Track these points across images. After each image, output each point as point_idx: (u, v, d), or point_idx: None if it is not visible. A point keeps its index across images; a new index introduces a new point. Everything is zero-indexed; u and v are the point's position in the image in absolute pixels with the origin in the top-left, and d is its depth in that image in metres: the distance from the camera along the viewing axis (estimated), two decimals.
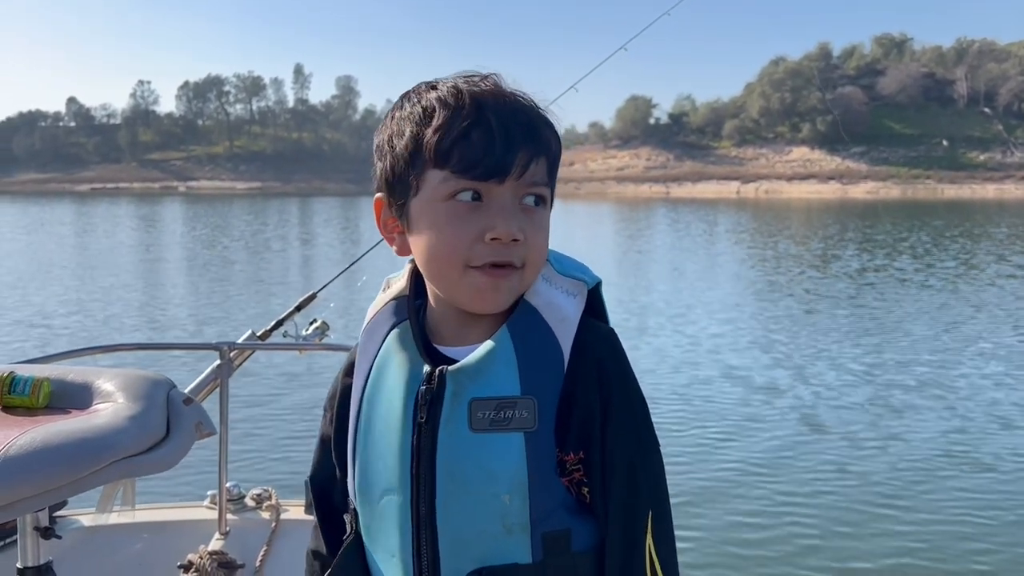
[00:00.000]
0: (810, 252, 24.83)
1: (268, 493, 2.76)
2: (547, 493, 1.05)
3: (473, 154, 1.02)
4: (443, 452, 1.05)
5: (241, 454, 5.82)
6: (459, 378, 1.06)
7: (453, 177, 1.04)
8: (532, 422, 1.03)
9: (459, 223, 1.04)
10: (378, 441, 1.11)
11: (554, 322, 1.08)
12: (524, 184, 1.05)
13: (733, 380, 8.83)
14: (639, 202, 78.22)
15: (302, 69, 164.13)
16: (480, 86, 1.07)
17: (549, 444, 1.05)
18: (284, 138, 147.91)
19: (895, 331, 11.77)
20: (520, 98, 1.08)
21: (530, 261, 1.07)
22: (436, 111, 1.05)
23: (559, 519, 1.06)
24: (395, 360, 1.12)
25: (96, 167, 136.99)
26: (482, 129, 1.03)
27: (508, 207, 1.04)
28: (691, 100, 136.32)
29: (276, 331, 2.82)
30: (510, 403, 1.04)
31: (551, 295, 1.10)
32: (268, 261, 22.25)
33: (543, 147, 1.07)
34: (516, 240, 1.04)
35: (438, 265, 1.09)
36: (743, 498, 5.61)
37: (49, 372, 1.60)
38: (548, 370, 1.06)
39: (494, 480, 1.03)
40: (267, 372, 8.51)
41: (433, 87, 1.08)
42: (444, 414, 1.06)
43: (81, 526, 2.55)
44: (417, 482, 1.06)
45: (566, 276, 1.13)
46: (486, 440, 1.04)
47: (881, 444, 6.74)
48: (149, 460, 1.53)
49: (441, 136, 1.03)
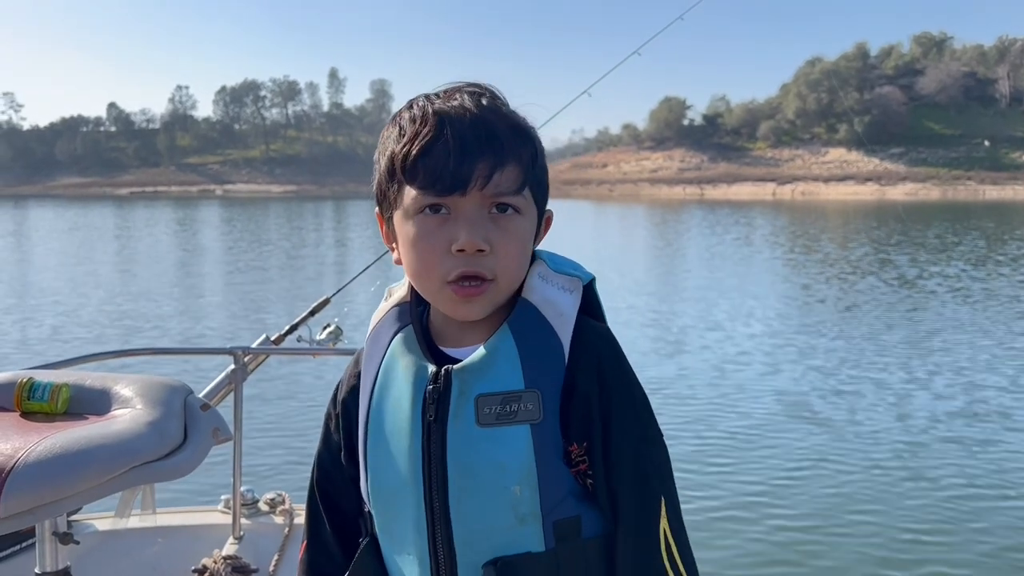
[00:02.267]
0: (866, 258, 23.45)
1: (282, 497, 2.77)
2: (556, 482, 1.08)
3: (433, 169, 1.06)
4: (453, 448, 1.08)
5: (255, 459, 5.83)
6: (464, 376, 1.10)
7: (420, 193, 1.08)
8: (537, 414, 1.07)
9: (428, 237, 1.09)
10: (389, 443, 1.13)
11: (552, 317, 1.12)
12: (489, 194, 1.07)
13: (776, 398, 8.40)
14: (673, 204, 77.54)
15: (337, 73, 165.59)
16: (452, 99, 1.10)
17: (555, 435, 1.08)
18: (319, 142, 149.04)
19: (954, 346, 10.88)
20: (488, 108, 1.09)
21: (501, 271, 1.09)
22: (405, 130, 1.09)
23: (569, 507, 1.09)
24: (401, 363, 1.15)
25: (135, 171, 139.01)
26: (440, 144, 1.06)
27: (472, 218, 1.07)
28: (726, 101, 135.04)
29: (290, 335, 2.83)
30: (515, 397, 1.07)
31: (548, 292, 1.14)
32: (300, 265, 22.42)
33: (508, 155, 1.08)
34: (482, 250, 1.07)
35: (417, 279, 1.14)
36: (778, 515, 5.41)
37: (67, 378, 1.62)
38: (549, 364, 1.10)
39: (504, 472, 1.06)
40: (281, 376, 8.53)
41: (411, 104, 1.12)
42: (452, 411, 1.08)
43: (98, 531, 2.57)
44: (429, 479, 1.09)
45: (561, 273, 1.16)
46: (494, 434, 1.07)
47: (936, 472, 6.23)
48: (167, 466, 1.54)
49: (406, 154, 1.07)
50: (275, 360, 3.05)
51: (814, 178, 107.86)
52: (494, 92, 1.15)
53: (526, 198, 1.12)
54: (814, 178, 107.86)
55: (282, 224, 43.62)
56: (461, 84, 1.14)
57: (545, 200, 1.19)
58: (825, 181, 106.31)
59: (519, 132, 1.11)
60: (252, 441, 5.92)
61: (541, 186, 1.16)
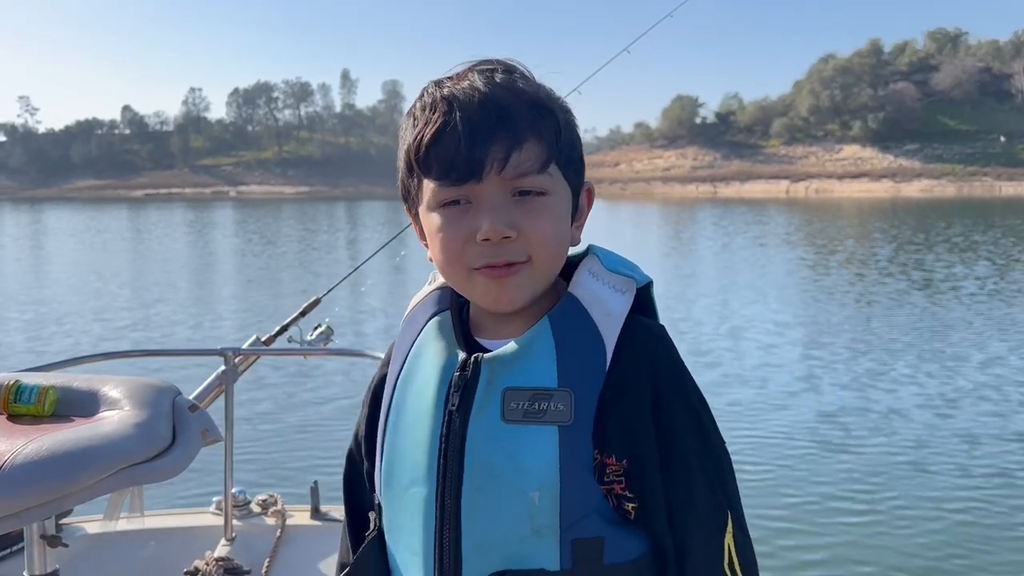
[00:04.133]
0: (897, 259, 22.44)
1: (273, 499, 2.76)
2: (580, 495, 0.99)
3: (445, 158, 1.00)
4: (473, 441, 1.01)
5: (246, 460, 5.81)
6: (494, 366, 1.03)
7: (436, 185, 1.03)
8: (568, 416, 0.99)
9: (450, 229, 1.03)
10: (407, 429, 1.07)
11: (599, 316, 1.04)
12: (509, 176, 1.00)
13: (796, 405, 8.12)
14: (686, 202, 77.30)
15: (349, 75, 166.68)
16: (462, 81, 1.04)
17: (586, 443, 0.99)
18: (332, 143, 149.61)
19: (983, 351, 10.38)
20: (501, 85, 1.03)
21: (536, 252, 1.03)
22: (417, 120, 1.04)
23: (592, 525, 1.00)
24: (431, 348, 1.10)
25: (149, 173, 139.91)
26: (450, 130, 1.00)
27: (495, 204, 1.01)
28: (738, 99, 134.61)
29: (280, 336, 2.81)
30: (545, 394, 1.00)
31: (597, 289, 1.06)
32: (310, 266, 22.44)
33: (524, 132, 1.01)
34: (508, 237, 1.00)
35: (446, 273, 1.09)
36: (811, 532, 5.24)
37: (54, 380, 1.59)
38: (588, 364, 1.02)
39: (524, 475, 0.99)
40: (272, 377, 8.50)
41: (422, 93, 1.07)
42: (477, 402, 1.02)
43: (87, 533, 2.55)
44: (443, 474, 1.02)
45: (614, 272, 1.08)
46: (518, 432, 1.00)
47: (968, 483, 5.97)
48: (156, 467, 1.52)
49: (418, 146, 1.03)
50: (266, 361, 3.04)
51: (828, 175, 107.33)
52: (510, 66, 1.07)
53: (553, 176, 1.04)
54: (828, 175, 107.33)
55: (294, 226, 43.73)
56: (475, 62, 1.07)
57: (579, 175, 1.10)
58: (839, 178, 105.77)
59: (537, 106, 1.03)
60: (244, 442, 5.90)
61: (571, 161, 1.08)
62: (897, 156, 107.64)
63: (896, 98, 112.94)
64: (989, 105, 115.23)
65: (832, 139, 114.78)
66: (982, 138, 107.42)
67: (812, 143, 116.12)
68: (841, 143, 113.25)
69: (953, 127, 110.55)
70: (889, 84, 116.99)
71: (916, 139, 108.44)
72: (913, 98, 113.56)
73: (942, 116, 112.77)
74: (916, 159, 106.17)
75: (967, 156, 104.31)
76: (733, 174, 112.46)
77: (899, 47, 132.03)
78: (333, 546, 2.61)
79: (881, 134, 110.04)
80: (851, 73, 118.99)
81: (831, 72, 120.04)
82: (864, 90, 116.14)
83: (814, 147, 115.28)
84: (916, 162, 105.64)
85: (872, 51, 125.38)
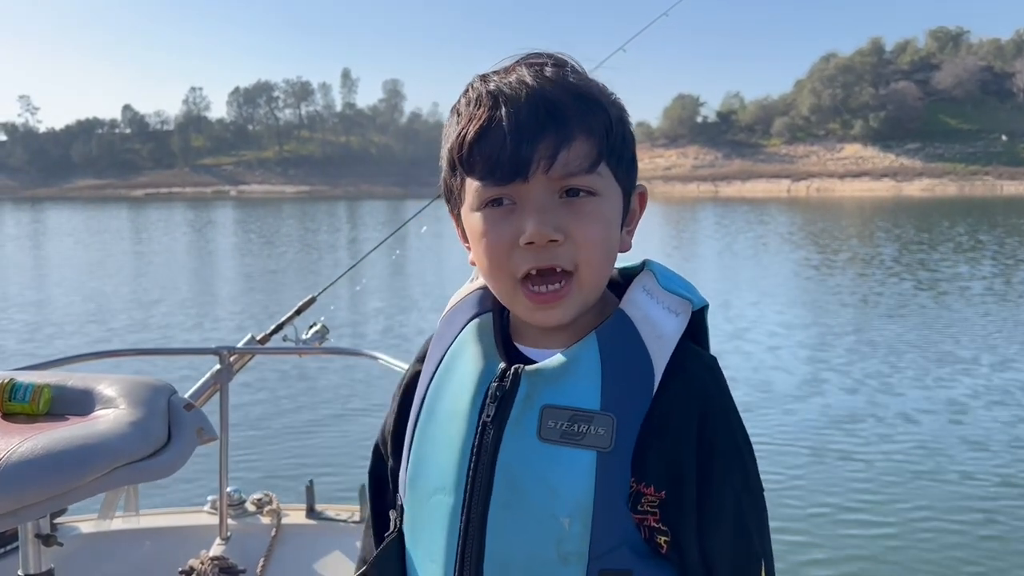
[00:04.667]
0: (903, 258, 22.18)
1: (269, 498, 2.75)
2: (613, 525, 0.94)
3: (490, 156, 0.95)
4: (505, 456, 0.97)
5: (241, 459, 5.78)
6: (535, 380, 0.98)
7: (480, 185, 0.98)
8: (608, 442, 0.93)
9: (494, 232, 0.98)
10: (438, 433, 1.03)
11: (649, 338, 0.98)
12: (556, 176, 0.95)
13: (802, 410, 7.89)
14: (687, 201, 77.20)
15: (349, 74, 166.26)
16: (510, 75, 0.99)
17: (624, 471, 0.94)
18: (332, 142, 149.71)
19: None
20: (550, 79, 0.98)
21: (583, 260, 0.97)
22: (462, 117, 0.99)
23: (622, 557, 0.94)
24: (470, 351, 1.05)
25: (150, 173, 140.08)
26: (495, 127, 0.95)
27: (541, 205, 0.95)
28: (739, 98, 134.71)
29: (276, 335, 2.81)
30: (586, 416, 0.95)
31: (650, 309, 1.01)
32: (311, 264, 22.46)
33: (574, 129, 0.95)
34: (554, 240, 0.95)
35: (490, 279, 1.04)
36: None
37: (49, 379, 1.58)
38: (634, 388, 0.96)
39: (555, 498, 0.94)
40: (267, 376, 8.48)
41: (467, 88, 1.02)
42: (513, 416, 0.97)
43: (82, 532, 2.54)
44: (472, 485, 0.98)
45: (670, 292, 1.02)
46: (554, 453, 0.94)
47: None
48: (151, 466, 1.51)
49: (462, 144, 0.98)
50: (261, 359, 3.03)
51: (829, 174, 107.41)
52: (561, 59, 1.01)
53: (603, 176, 0.98)
54: (829, 174, 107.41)
55: (294, 225, 43.71)
56: (523, 55, 1.02)
57: (632, 176, 1.05)
58: (840, 177, 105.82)
59: (587, 101, 0.98)
60: (239, 441, 5.86)
61: (623, 160, 1.02)
62: (898, 155, 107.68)
63: (897, 97, 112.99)
64: (991, 104, 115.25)
65: (833, 138, 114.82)
66: (983, 137, 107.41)
67: (813, 142, 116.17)
68: (842, 142, 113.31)
69: (954, 126, 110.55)
70: (890, 83, 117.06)
71: (917, 138, 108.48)
72: (914, 97, 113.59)
73: (943, 115, 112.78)
74: (917, 158, 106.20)
75: (968, 155, 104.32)
76: (734, 173, 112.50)
77: (900, 46, 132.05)
78: (329, 545, 2.62)
79: (882, 133, 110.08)
80: (852, 72, 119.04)
81: (832, 71, 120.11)
82: (865, 89, 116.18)
83: (815, 146, 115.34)
84: (917, 161, 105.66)
85: (873, 50, 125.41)
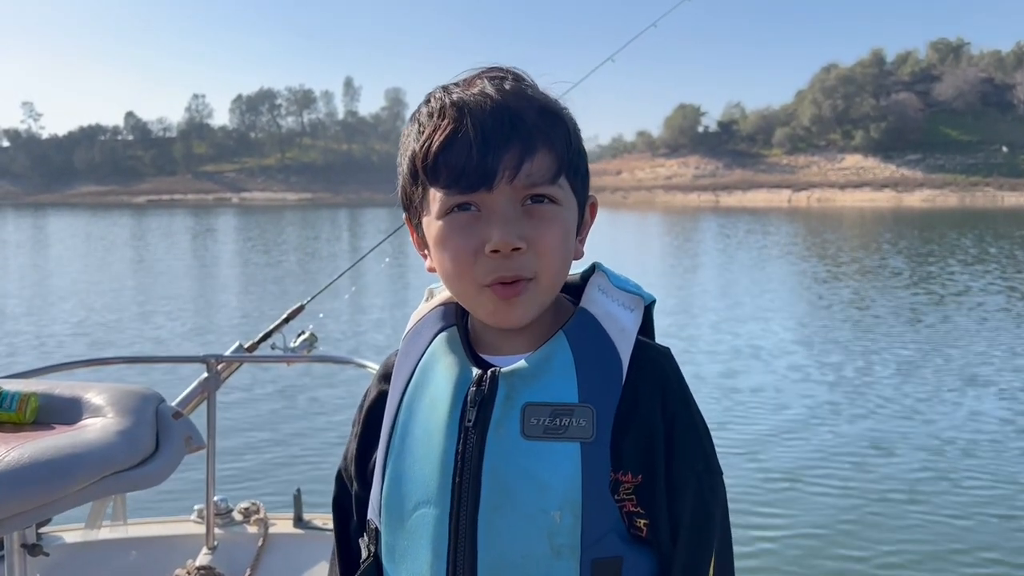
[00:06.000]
0: (916, 274, 21.33)
1: (256, 507, 2.74)
2: (601, 513, 0.97)
3: (455, 166, 0.96)
4: (491, 459, 0.98)
5: (228, 467, 5.75)
6: (513, 381, 1.00)
7: (445, 193, 0.99)
8: (590, 432, 0.96)
9: (458, 239, 0.99)
10: (417, 448, 1.02)
11: (613, 332, 1.03)
12: (520, 186, 0.97)
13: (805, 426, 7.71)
14: (688, 211, 77.03)
15: (352, 82, 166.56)
16: (472, 87, 1.00)
17: (605, 459, 0.97)
18: (334, 150, 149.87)
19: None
20: (512, 92, 1.00)
21: (542, 267, 0.99)
22: (424, 126, 1.01)
23: (611, 544, 0.97)
24: (442, 363, 1.06)
25: (152, 179, 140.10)
26: (460, 137, 0.96)
27: (506, 214, 0.97)
28: (740, 108, 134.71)
29: (264, 343, 2.80)
30: (567, 410, 0.97)
31: (609, 306, 1.05)
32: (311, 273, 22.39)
33: (537, 141, 0.98)
34: (518, 249, 0.97)
35: (452, 284, 1.05)
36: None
37: (36, 387, 1.58)
38: (607, 380, 1.00)
39: (545, 494, 0.95)
40: (255, 384, 8.42)
41: (428, 98, 1.04)
42: (495, 418, 0.98)
43: (67, 542, 2.53)
44: (459, 493, 0.98)
45: (623, 290, 1.07)
46: (539, 449, 0.96)
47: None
48: (138, 475, 1.51)
49: (426, 152, 0.99)
50: (249, 368, 3.03)
51: (830, 185, 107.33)
52: (518, 74, 1.04)
53: (563, 187, 1.01)
54: (830, 185, 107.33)
55: (293, 232, 43.67)
56: (482, 69, 1.04)
57: (585, 187, 1.07)
58: (841, 188, 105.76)
59: (548, 114, 1.00)
60: (226, 450, 5.82)
61: (579, 172, 1.05)
62: (899, 166, 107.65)
63: (898, 108, 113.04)
64: (991, 115, 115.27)
65: (834, 148, 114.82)
66: (984, 148, 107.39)
67: (814, 152, 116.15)
68: (843, 152, 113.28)
69: (955, 137, 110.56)
70: (891, 94, 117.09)
71: (918, 149, 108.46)
72: (915, 108, 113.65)
73: (944, 126, 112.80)
74: (918, 169, 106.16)
75: (969, 166, 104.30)
76: (735, 183, 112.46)
77: (901, 57, 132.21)
78: (316, 555, 2.61)
79: (883, 144, 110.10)
80: (853, 83, 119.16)
81: (833, 82, 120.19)
82: (866, 100, 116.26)
83: (816, 156, 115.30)
84: (918, 172, 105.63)
85: (874, 61, 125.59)
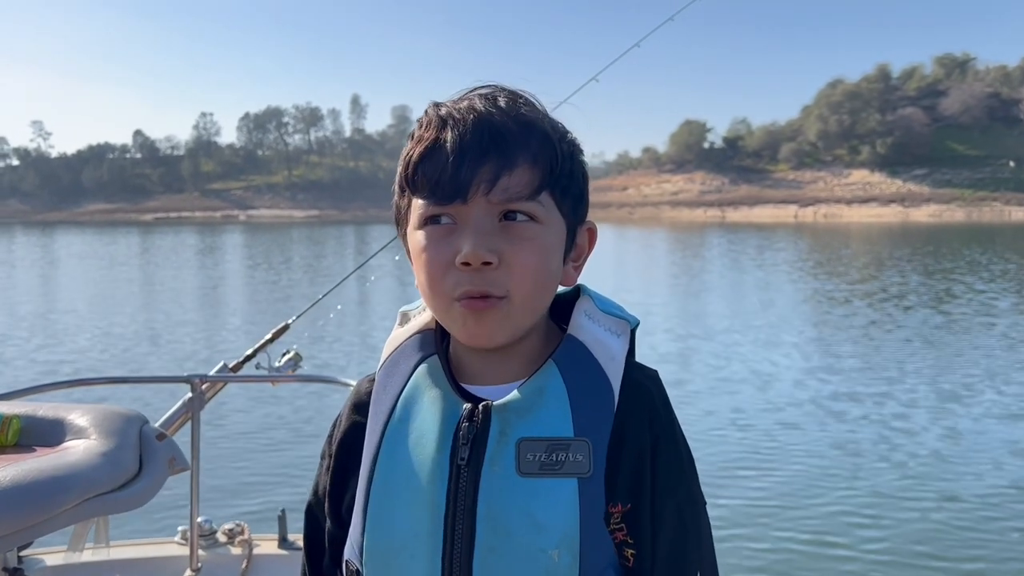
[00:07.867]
0: (933, 291, 20.80)
1: (240, 528, 2.69)
2: (598, 550, 0.93)
3: (432, 176, 0.96)
4: (485, 497, 0.93)
5: (213, 488, 5.68)
6: (505, 415, 0.96)
7: (423, 203, 0.98)
8: (587, 467, 0.93)
9: (432, 250, 0.97)
10: (402, 487, 0.97)
11: (604, 360, 1.00)
12: (497, 200, 0.95)
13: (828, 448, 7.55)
14: (695, 227, 76.89)
15: (359, 100, 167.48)
16: (461, 102, 1.00)
17: (600, 493, 0.94)
18: (341, 167, 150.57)
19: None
20: (500, 108, 0.98)
21: (515, 286, 0.96)
22: (413, 140, 1.01)
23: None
24: (426, 396, 1.01)
25: (160, 197, 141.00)
26: (438, 148, 0.96)
27: (479, 227, 0.95)
28: (746, 123, 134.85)
29: (248, 363, 2.77)
30: (563, 445, 0.94)
31: (598, 332, 1.02)
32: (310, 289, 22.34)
33: (517, 156, 0.96)
34: (488, 263, 0.94)
35: (427, 298, 1.02)
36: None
37: (18, 409, 1.53)
38: (600, 411, 0.97)
39: (542, 532, 0.92)
40: (240, 404, 8.36)
41: (424, 113, 1.03)
42: (488, 455, 0.95)
43: (49, 565, 2.48)
44: (451, 534, 0.94)
45: (609, 315, 1.05)
46: (535, 486, 0.93)
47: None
48: (122, 497, 1.47)
49: (408, 163, 0.99)
50: (234, 388, 2.99)
51: (836, 200, 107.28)
52: (516, 92, 1.02)
53: (544, 205, 0.98)
54: (836, 200, 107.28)
55: (299, 250, 43.67)
56: (481, 86, 1.03)
57: (578, 211, 1.03)
58: (848, 203, 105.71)
59: (533, 130, 0.98)
60: (210, 470, 5.79)
61: (569, 194, 1.01)
62: (906, 181, 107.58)
63: (904, 123, 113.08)
64: (998, 130, 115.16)
65: (840, 164, 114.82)
66: (991, 163, 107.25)
67: (820, 168, 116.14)
68: (849, 168, 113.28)
69: (962, 152, 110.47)
70: (897, 109, 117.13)
71: (925, 164, 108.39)
72: (921, 123, 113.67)
73: (951, 141, 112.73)
74: (925, 184, 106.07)
75: (976, 181, 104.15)
76: (741, 199, 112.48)
77: (907, 72, 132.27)
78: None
79: (889, 159, 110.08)
80: (859, 98, 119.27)
81: (839, 97, 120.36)
82: (872, 115, 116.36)
83: (822, 172, 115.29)
84: (925, 187, 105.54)
85: (880, 76, 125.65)
